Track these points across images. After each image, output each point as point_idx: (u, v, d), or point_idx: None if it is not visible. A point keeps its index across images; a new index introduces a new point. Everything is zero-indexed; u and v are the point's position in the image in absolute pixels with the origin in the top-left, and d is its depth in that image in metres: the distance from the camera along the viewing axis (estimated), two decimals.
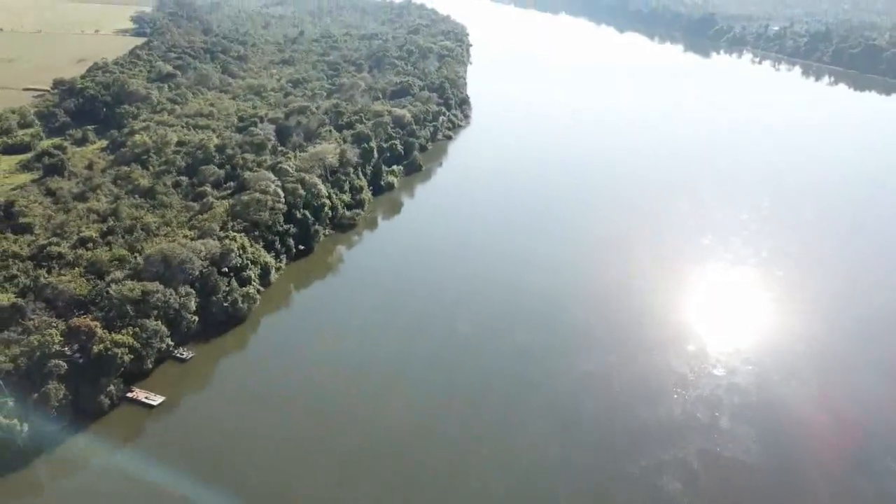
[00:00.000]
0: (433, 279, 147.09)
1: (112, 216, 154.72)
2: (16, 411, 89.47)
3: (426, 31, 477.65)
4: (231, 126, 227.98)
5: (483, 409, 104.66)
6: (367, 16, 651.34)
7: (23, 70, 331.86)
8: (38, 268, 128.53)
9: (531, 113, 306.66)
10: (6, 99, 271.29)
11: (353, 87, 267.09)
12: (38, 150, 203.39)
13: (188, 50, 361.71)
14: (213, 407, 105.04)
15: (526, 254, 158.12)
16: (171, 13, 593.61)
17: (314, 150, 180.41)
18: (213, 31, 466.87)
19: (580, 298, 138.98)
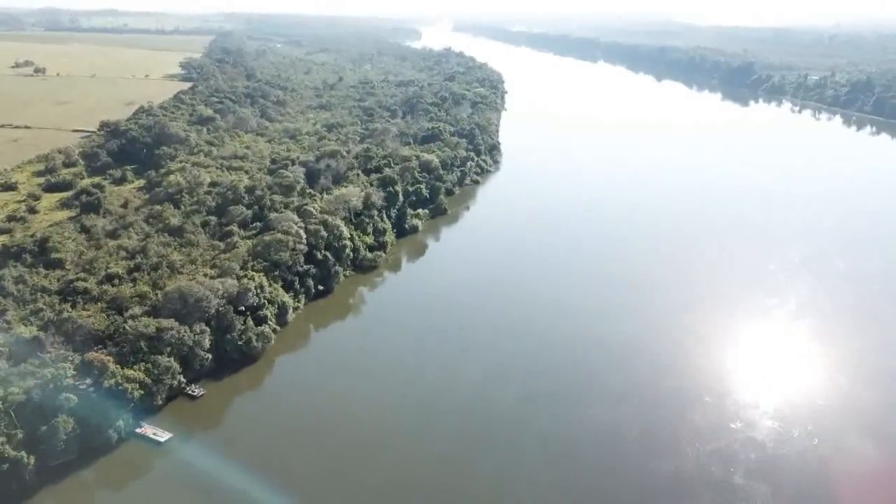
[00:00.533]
0: (451, 323, 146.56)
1: (140, 253, 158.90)
2: (24, 443, 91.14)
3: (462, 78, 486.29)
4: (264, 168, 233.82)
5: (485, 456, 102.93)
6: (406, 63, 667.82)
7: (74, 112, 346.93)
8: (64, 302, 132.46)
9: (562, 160, 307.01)
10: (57, 139, 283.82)
11: (385, 132, 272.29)
12: (78, 189, 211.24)
13: (229, 94, 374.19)
14: (220, 446, 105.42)
15: (544, 299, 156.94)
16: (218, 59, 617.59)
17: (339, 192, 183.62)
18: (255, 76, 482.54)
19: (600, 345, 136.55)
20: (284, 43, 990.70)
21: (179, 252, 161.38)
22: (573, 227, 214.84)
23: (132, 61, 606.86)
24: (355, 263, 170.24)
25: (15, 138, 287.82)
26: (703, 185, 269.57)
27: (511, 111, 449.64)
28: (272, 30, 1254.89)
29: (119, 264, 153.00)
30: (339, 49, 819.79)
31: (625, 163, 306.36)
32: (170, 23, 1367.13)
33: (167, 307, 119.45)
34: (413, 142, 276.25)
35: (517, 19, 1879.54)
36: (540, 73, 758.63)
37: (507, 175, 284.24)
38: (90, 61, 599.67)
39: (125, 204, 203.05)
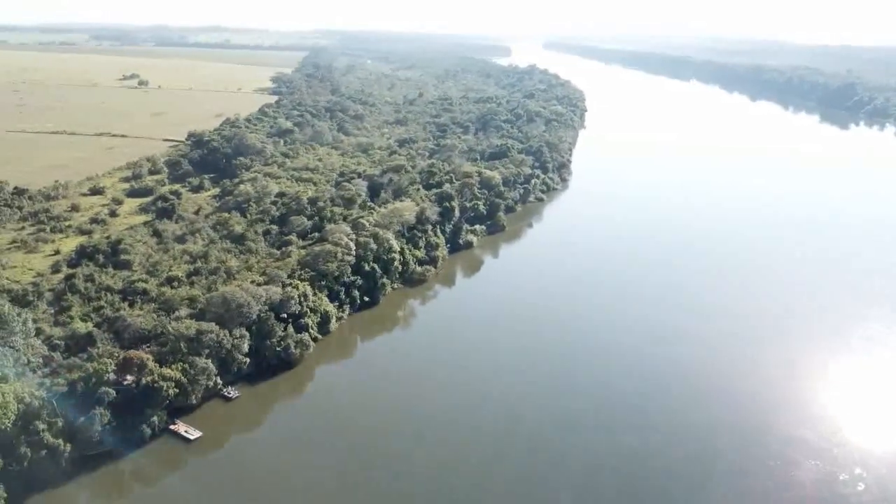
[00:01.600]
0: (498, 341, 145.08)
1: (202, 258, 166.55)
2: (63, 432, 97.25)
3: (541, 96, 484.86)
4: (332, 180, 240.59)
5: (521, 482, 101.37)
6: (490, 80, 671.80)
7: (167, 122, 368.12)
8: (124, 301, 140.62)
9: (635, 182, 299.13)
10: (147, 148, 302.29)
11: (452, 148, 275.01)
12: (157, 195, 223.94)
13: (310, 108, 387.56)
14: (246, 447, 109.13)
15: (600, 322, 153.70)
16: (308, 74, 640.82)
17: (393, 206, 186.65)
18: (340, 91, 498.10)
19: (661, 376, 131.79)
20: (374, 59, 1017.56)
21: (238, 259, 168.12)
22: (638, 251, 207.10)
23: (227, 75, 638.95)
24: (404, 277, 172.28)
25: (110, 146, 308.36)
26: (788, 214, 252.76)
27: (590, 130, 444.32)
28: (364, 46, 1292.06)
29: (181, 268, 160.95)
30: (425, 66, 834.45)
31: (704, 187, 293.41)
32: (269, 39, 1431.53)
33: (211, 311, 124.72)
34: (481, 158, 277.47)
35: (609, 37, 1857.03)
36: (627, 91, 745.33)
37: (574, 194, 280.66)
38: (189, 75, 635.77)
39: (197, 211, 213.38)
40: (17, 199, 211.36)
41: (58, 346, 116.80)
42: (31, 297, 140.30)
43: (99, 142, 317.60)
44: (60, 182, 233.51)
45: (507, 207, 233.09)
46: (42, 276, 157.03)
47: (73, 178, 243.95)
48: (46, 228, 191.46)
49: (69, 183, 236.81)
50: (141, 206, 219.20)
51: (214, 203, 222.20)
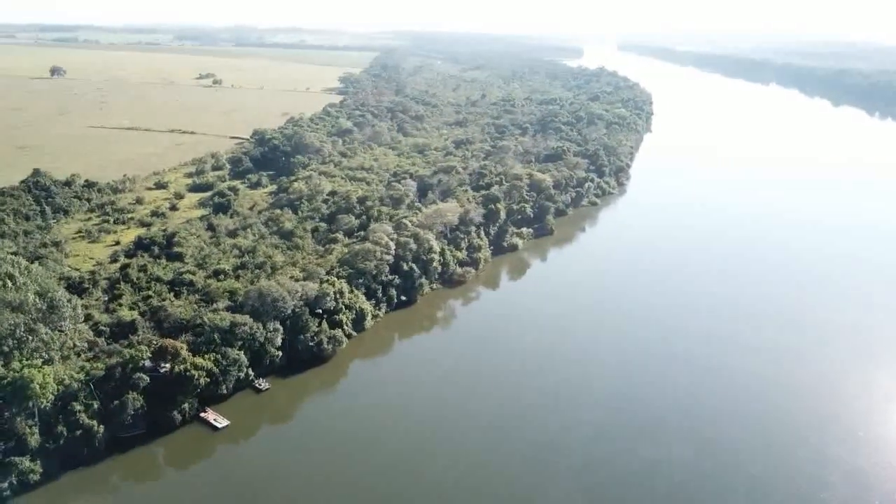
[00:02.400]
0: (532, 345, 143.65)
1: (251, 253, 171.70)
2: (98, 414, 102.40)
3: (606, 99, 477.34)
4: (384, 180, 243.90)
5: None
6: (557, 81, 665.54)
7: (236, 120, 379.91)
8: (171, 291, 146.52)
9: (696, 189, 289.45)
10: (213, 144, 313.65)
11: (506, 150, 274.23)
12: (215, 191, 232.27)
13: (373, 108, 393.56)
14: (272, 437, 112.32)
15: (634, 340, 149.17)
16: (375, 74, 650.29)
17: (436, 207, 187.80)
18: (404, 91, 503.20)
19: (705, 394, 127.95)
20: (444, 60, 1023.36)
21: (285, 254, 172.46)
22: (693, 261, 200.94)
23: (298, 75, 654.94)
24: (443, 277, 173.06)
25: (180, 142, 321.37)
26: (864, 231, 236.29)
27: (657, 134, 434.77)
28: (436, 47, 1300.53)
29: (229, 261, 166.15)
30: (493, 66, 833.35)
31: (771, 200, 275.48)
32: (343, 39, 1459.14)
33: (248, 304, 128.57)
34: (535, 160, 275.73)
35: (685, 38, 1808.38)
36: (701, 94, 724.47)
37: (631, 200, 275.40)
38: (262, 75, 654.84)
39: (252, 206, 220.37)
40: (86, 192, 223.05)
41: (103, 332, 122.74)
42: (87, 285, 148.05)
43: (170, 138, 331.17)
44: (128, 176, 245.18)
45: (557, 211, 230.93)
46: (101, 265, 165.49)
47: (142, 173, 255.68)
48: (110, 220, 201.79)
49: (136, 177, 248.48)
50: (200, 200, 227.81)
51: (270, 199, 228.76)
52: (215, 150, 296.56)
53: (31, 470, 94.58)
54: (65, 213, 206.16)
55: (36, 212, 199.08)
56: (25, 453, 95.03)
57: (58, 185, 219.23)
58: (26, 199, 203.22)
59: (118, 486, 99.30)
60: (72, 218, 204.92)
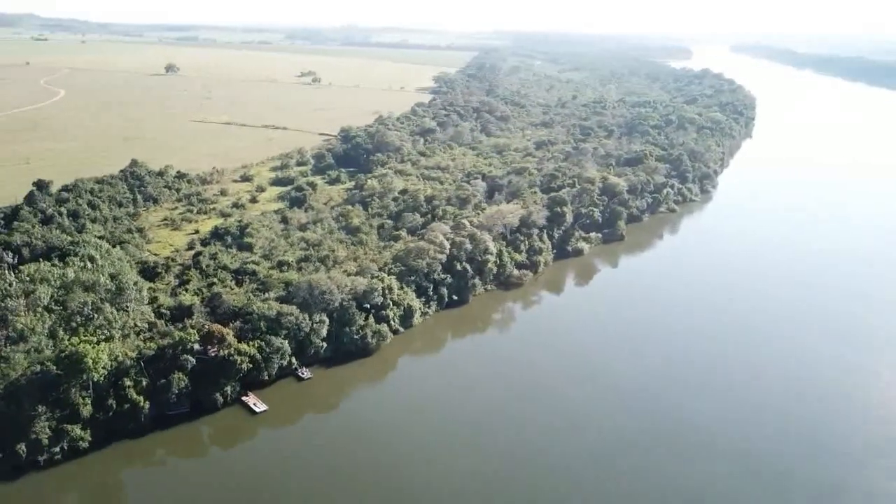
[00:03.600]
0: (581, 356, 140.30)
1: (316, 246, 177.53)
2: (146, 391, 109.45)
3: (703, 102, 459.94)
4: (457, 180, 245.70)
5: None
6: (656, 83, 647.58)
7: (327, 118, 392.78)
8: (234, 280, 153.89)
9: (793, 203, 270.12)
10: (302, 140, 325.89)
11: (585, 152, 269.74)
12: (294, 185, 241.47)
13: (459, 108, 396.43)
14: (307, 424, 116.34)
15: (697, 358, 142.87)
16: (470, 74, 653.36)
17: (497, 208, 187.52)
18: (495, 91, 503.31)
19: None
20: (544, 60, 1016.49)
21: (347, 249, 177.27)
22: (776, 276, 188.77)
23: (395, 74, 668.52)
24: (499, 279, 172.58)
25: (271, 138, 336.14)
26: None
27: (757, 140, 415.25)
28: (537, 47, 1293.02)
29: (294, 254, 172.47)
30: (592, 67, 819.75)
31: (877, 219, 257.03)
32: (445, 39, 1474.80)
33: (299, 295, 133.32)
34: (616, 164, 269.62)
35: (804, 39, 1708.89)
36: (815, 100, 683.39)
37: (715, 208, 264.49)
38: (360, 74, 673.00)
39: (327, 202, 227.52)
40: (177, 182, 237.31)
41: (164, 315, 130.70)
42: (160, 270, 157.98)
43: (262, 133, 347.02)
44: (217, 168, 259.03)
45: (630, 216, 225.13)
46: (178, 252, 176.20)
47: (231, 166, 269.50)
48: (194, 210, 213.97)
49: (225, 170, 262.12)
50: (280, 194, 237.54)
51: (346, 195, 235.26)
52: (303, 146, 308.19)
53: (82, 438, 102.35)
54: (154, 201, 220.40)
55: (129, 199, 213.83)
56: (77, 422, 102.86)
57: (151, 175, 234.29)
58: (121, 188, 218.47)
59: (159, 459, 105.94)
60: (160, 206, 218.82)
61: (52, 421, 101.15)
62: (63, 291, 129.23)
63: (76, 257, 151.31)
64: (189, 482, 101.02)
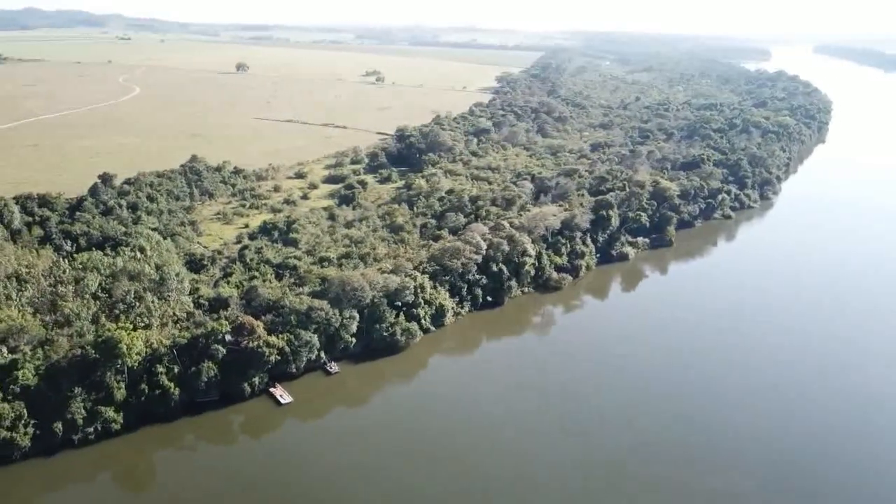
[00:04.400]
0: (614, 364, 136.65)
1: (358, 244, 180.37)
2: (177, 378, 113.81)
3: (773, 105, 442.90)
4: (506, 181, 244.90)
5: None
6: (727, 85, 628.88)
7: (386, 117, 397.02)
8: (275, 274, 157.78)
9: (864, 213, 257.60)
10: (359, 139, 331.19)
11: (639, 154, 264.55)
12: (345, 183, 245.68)
13: (517, 109, 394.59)
14: (329, 417, 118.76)
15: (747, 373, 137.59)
16: (534, 75, 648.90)
17: (538, 210, 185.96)
18: (556, 92, 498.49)
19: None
20: (614, 61, 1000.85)
21: (389, 247, 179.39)
22: (837, 292, 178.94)
23: (459, 74, 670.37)
24: (537, 282, 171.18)
25: (328, 136, 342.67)
26: None
27: (831, 146, 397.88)
28: (608, 47, 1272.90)
29: (337, 250, 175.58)
30: (662, 68, 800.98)
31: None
32: (515, 39, 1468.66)
33: (332, 291, 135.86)
34: (672, 167, 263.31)
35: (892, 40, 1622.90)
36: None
37: (776, 215, 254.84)
38: (424, 73, 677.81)
39: (375, 200, 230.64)
40: (233, 178, 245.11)
41: (202, 306, 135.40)
42: (206, 262, 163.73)
43: (322, 131, 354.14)
44: (273, 165, 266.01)
45: (681, 222, 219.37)
46: (226, 245, 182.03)
47: (288, 163, 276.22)
48: (246, 205, 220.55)
49: (280, 166, 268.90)
50: (331, 192, 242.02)
51: (394, 194, 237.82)
52: (360, 144, 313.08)
53: (114, 420, 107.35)
54: (210, 195, 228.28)
55: (185, 193, 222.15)
56: (111, 405, 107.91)
57: (209, 170, 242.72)
58: (180, 182, 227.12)
59: (188, 444, 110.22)
60: (215, 200, 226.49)
61: (88, 402, 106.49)
62: (111, 280, 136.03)
63: (127, 247, 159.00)
64: (214, 467, 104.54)
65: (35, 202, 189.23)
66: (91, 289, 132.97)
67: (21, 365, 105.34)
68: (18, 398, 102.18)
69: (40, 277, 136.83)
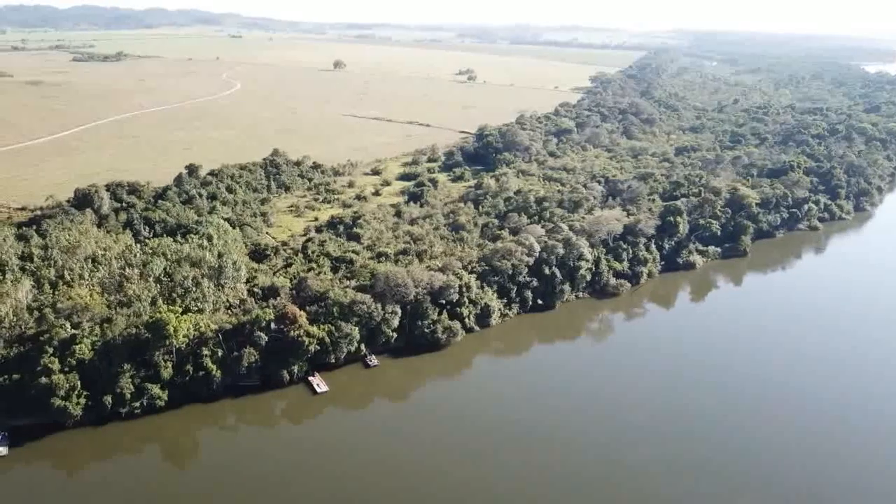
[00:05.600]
0: (663, 385, 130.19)
1: (417, 241, 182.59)
2: (220, 361, 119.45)
3: (887, 111, 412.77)
4: (579, 183, 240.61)
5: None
6: (840, 88, 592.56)
7: (471, 116, 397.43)
8: (331, 267, 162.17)
9: None
10: (441, 137, 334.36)
11: (721, 160, 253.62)
12: (417, 181, 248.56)
13: (604, 109, 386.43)
14: (363, 408, 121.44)
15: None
16: (631, 75, 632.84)
17: (600, 214, 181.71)
18: (650, 93, 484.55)
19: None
20: (721, 61, 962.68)
21: (447, 245, 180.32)
22: None
23: (553, 73, 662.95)
24: (593, 287, 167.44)
25: (410, 134, 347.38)
26: None
27: None
28: (717, 47, 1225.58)
29: (396, 246, 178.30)
30: (770, 70, 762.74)
31: None
32: (618, 38, 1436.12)
33: (377, 285, 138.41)
34: (757, 174, 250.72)
35: None
36: None
37: (871, 228, 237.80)
38: (517, 72, 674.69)
39: (444, 198, 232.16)
40: (310, 172, 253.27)
41: (256, 294, 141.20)
42: (269, 253, 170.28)
43: (405, 129, 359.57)
44: (351, 161, 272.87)
45: (760, 232, 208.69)
46: (293, 237, 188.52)
47: (367, 159, 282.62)
48: (319, 199, 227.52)
49: (359, 163, 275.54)
50: (403, 189, 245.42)
51: (464, 193, 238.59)
52: (441, 142, 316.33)
53: (159, 396, 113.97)
54: (286, 189, 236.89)
55: (263, 186, 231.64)
56: (157, 382, 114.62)
57: (289, 164, 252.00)
58: (259, 174, 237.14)
59: (227, 424, 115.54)
60: (291, 193, 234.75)
61: (136, 378, 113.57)
62: (175, 265, 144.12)
63: (196, 235, 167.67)
64: (254, 449, 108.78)
65: (125, 190, 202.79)
66: (155, 272, 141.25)
67: (80, 340, 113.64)
68: (74, 370, 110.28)
69: (112, 260, 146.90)
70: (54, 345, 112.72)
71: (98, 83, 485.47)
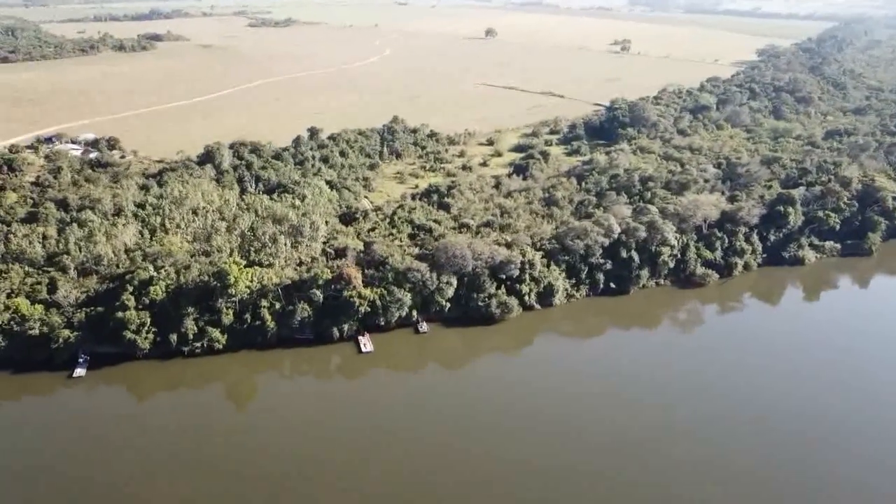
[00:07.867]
0: (735, 389, 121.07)
1: (504, 213, 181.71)
2: (277, 314, 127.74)
3: None
4: (700, 163, 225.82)
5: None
6: None
7: (611, 88, 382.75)
8: (410, 234, 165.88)
9: None
10: (572, 109, 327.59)
11: (867, 146, 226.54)
12: (527, 153, 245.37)
13: (754, 85, 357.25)
14: (401, 371, 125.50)
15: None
16: (806, 49, 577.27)
17: (695, 198, 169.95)
18: (820, 69, 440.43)
19: None
20: None
21: (533, 220, 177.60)
22: None
23: (717, 45, 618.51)
24: (677, 275, 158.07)
25: (539, 105, 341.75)
26: None
27: None
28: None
29: (480, 218, 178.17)
30: None
31: None
32: (809, 7, 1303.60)
33: (438, 255, 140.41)
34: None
35: None
36: None
37: None
38: (678, 43, 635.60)
39: (553, 171, 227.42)
40: (424, 140, 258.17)
41: (329, 254, 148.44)
42: (358, 216, 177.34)
43: (535, 100, 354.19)
44: (468, 131, 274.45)
45: (894, 230, 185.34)
46: (388, 202, 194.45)
47: (488, 129, 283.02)
48: (426, 167, 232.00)
49: (476, 132, 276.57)
50: (513, 161, 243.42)
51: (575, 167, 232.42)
52: (572, 114, 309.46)
53: (218, 340, 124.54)
54: (398, 156, 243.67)
55: (376, 151, 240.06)
56: (218, 327, 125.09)
57: (406, 131, 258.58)
58: (374, 140, 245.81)
59: (282, 370, 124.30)
60: (402, 161, 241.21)
61: (200, 322, 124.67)
62: (260, 221, 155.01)
63: (291, 195, 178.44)
64: (309, 393, 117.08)
65: (247, 149, 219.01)
66: (242, 227, 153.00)
67: (156, 282, 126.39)
68: (147, 309, 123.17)
69: (209, 213, 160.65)
70: (135, 284, 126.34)
71: (259, 48, 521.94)
